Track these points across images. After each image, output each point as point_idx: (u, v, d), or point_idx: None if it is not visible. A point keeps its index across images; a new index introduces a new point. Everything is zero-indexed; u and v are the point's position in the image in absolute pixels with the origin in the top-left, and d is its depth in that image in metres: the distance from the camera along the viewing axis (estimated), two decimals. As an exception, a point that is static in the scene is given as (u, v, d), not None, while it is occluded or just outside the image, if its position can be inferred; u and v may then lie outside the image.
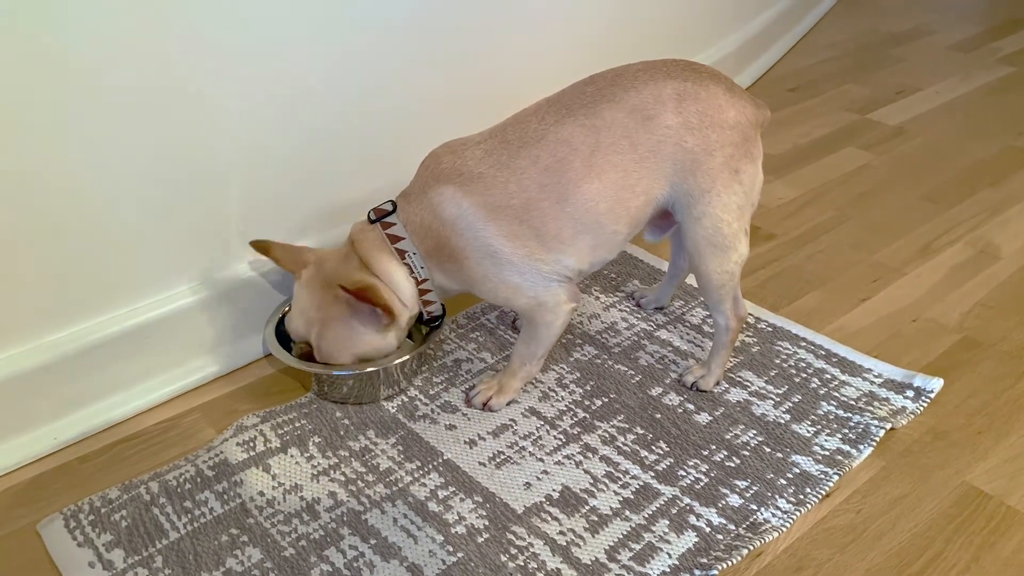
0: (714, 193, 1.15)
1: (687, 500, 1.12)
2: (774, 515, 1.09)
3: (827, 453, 1.18)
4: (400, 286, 1.19)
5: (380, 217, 1.19)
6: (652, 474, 1.16)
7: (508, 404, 1.28)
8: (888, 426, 1.21)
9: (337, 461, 1.19)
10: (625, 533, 1.07)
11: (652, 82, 1.14)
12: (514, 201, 1.13)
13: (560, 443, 1.21)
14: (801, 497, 1.12)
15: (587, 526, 1.08)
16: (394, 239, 1.18)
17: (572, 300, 1.20)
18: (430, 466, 1.18)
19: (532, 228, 1.14)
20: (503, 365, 1.34)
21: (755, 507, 1.10)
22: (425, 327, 1.32)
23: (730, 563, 1.03)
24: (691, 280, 1.51)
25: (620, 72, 1.17)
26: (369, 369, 1.25)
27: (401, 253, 1.18)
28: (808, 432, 1.21)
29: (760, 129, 1.19)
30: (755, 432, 1.22)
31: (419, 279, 1.20)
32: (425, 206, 1.16)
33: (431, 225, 1.16)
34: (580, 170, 1.12)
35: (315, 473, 1.17)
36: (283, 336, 1.32)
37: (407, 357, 1.26)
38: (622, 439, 1.21)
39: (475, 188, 1.13)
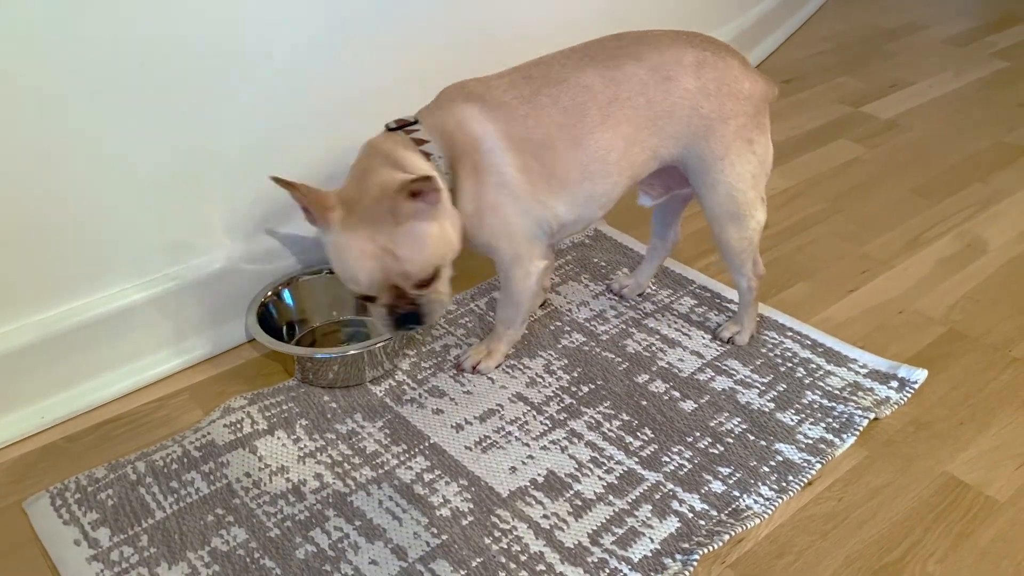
0: (727, 161, 1.18)
1: (670, 486, 1.12)
2: (756, 502, 1.10)
3: (810, 442, 1.19)
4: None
5: (402, 125, 1.15)
6: (636, 460, 1.16)
7: (497, 367, 1.32)
8: (872, 416, 1.22)
9: (324, 444, 1.19)
10: (608, 517, 1.08)
11: (674, 46, 1.17)
12: (533, 135, 1.14)
13: (546, 428, 1.22)
14: (783, 484, 1.12)
15: (571, 510, 1.09)
16: (419, 142, 1.13)
17: (544, 258, 1.24)
18: (416, 450, 1.18)
19: (545, 167, 1.15)
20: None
21: (738, 493, 1.11)
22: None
23: (711, 548, 1.04)
24: (669, 264, 1.51)
25: (644, 34, 1.20)
26: (352, 352, 1.25)
27: (426, 155, 1.13)
28: (792, 421, 1.22)
29: (768, 104, 1.22)
30: (739, 420, 1.23)
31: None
32: (451, 116, 1.14)
33: (455, 134, 1.14)
34: (597, 118, 1.15)
35: (301, 455, 1.17)
36: (265, 320, 1.32)
37: (388, 338, 1.27)
38: (607, 425, 1.22)
39: (499, 115, 1.14)
